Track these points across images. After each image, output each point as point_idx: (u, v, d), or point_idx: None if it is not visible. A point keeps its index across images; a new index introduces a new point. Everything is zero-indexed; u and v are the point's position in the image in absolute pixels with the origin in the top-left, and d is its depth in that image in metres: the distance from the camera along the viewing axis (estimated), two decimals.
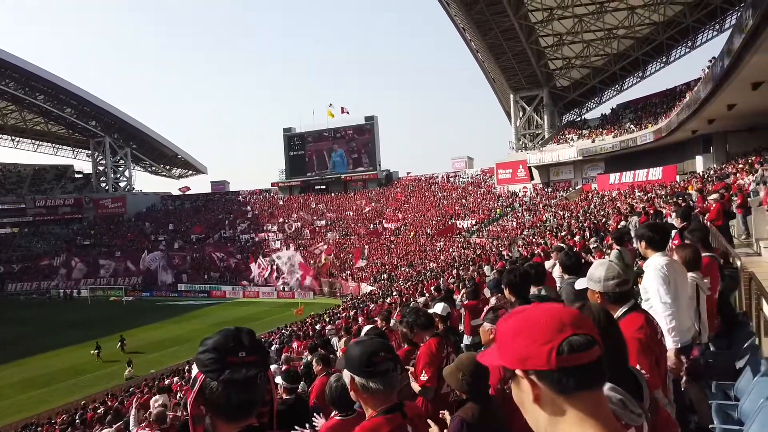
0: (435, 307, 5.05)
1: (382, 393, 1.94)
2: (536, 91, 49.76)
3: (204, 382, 1.35)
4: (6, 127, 71.43)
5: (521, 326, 0.97)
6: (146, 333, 33.65)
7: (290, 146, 67.42)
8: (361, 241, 50.00)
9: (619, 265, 2.66)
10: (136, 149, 73.10)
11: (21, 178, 74.53)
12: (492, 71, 49.42)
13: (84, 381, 24.20)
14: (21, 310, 44.77)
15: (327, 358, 5.59)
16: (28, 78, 58.49)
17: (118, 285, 52.33)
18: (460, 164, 60.82)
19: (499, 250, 27.26)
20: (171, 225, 64.28)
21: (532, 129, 52.03)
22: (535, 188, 46.52)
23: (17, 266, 58.60)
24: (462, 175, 58.35)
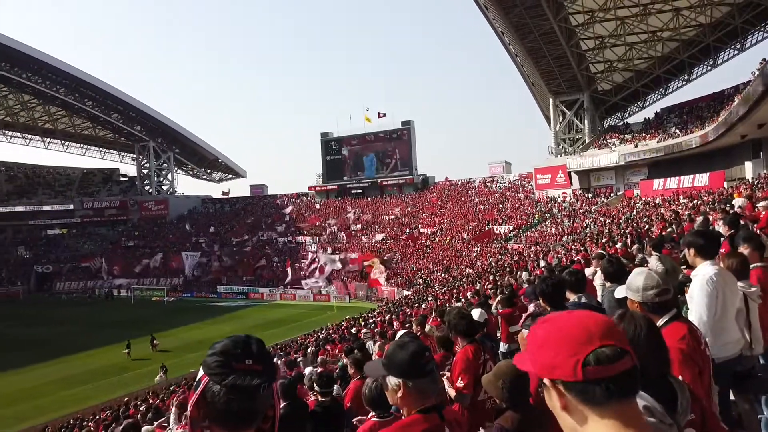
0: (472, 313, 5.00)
1: (430, 392, 1.98)
2: (577, 95, 48.88)
3: (207, 385, 1.33)
4: (56, 132, 74.54)
5: (549, 335, 0.97)
6: (186, 333, 34.44)
7: (327, 150, 68.06)
8: (397, 245, 49.99)
9: (659, 273, 2.58)
10: (179, 153, 75.12)
11: (70, 181, 77.50)
12: (531, 75, 48.83)
13: (126, 378, 24.89)
14: (66, 309, 46.41)
15: (361, 362, 5.60)
16: (78, 84, 60.81)
17: (160, 286, 53.75)
18: (497, 169, 60.20)
19: (537, 256, 26.83)
20: (211, 227, 65.75)
21: (572, 133, 51.13)
22: (575, 194, 45.66)
23: (65, 266, 60.87)
24: (499, 180, 57.75)
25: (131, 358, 28.49)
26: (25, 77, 58.24)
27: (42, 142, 75.96)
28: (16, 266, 61.16)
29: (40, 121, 72.22)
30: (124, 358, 28.62)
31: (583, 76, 46.15)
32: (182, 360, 27.27)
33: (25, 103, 67.76)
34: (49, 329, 36.93)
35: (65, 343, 31.73)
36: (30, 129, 73.85)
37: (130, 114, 67.50)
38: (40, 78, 59.34)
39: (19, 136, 74.75)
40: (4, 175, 73.49)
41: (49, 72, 58.52)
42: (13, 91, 64.39)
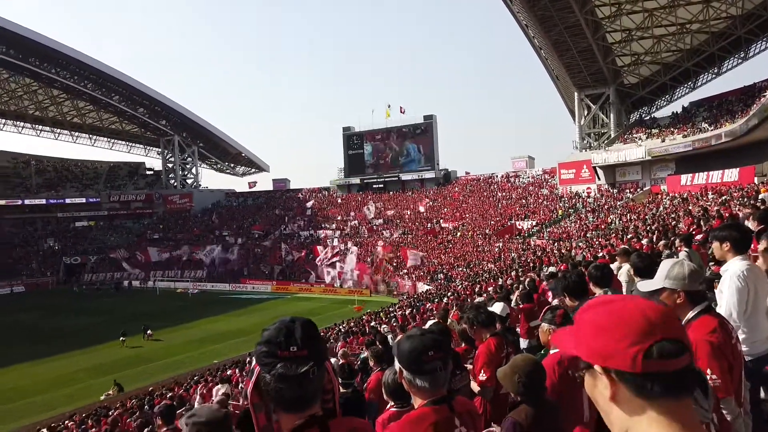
0: (494, 307, 4.96)
1: (428, 390, 1.92)
2: (602, 89, 48.07)
3: (259, 374, 1.37)
4: (84, 126, 75.99)
5: (607, 321, 0.91)
6: (209, 324, 34.95)
7: (349, 145, 68.21)
8: (417, 240, 49.94)
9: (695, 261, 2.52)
10: (203, 147, 76.00)
11: (97, 175, 79.01)
12: (555, 69, 48.15)
13: (152, 368, 25.36)
14: (93, 300, 47.42)
15: (382, 354, 5.61)
16: (105, 79, 61.87)
17: (185, 278, 54.59)
18: (520, 164, 59.63)
19: (561, 252, 26.53)
20: (234, 221, 66.50)
21: (597, 128, 50.33)
22: (599, 189, 45.00)
23: (93, 258, 62.17)
24: (522, 175, 57.22)
25: (127, 347, 29.71)
26: (54, 72, 59.46)
27: (70, 136, 77.57)
28: (46, 257, 62.67)
29: (68, 115, 73.71)
30: (152, 348, 29.22)
31: (609, 69, 45.33)
32: (205, 352, 27.74)
33: (54, 98, 69.18)
34: (78, 319, 37.83)
35: (93, 333, 32.44)
36: (59, 123, 75.44)
37: (156, 108, 68.46)
38: (68, 73, 60.55)
39: (49, 131, 76.41)
40: (34, 168, 75.20)
41: (78, 67, 59.68)
42: (43, 87, 65.79)
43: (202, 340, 30.49)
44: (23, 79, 63.69)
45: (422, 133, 64.16)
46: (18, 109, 72.36)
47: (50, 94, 68.24)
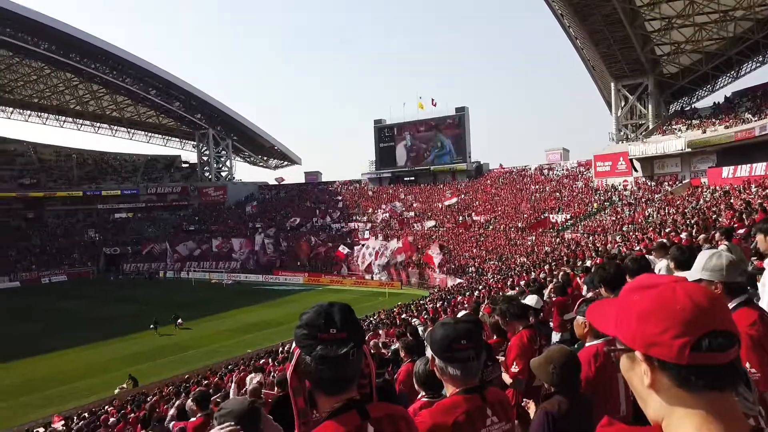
0: (527, 299, 4.90)
1: (459, 379, 1.92)
2: (640, 79, 46.80)
3: (299, 356, 1.40)
4: (123, 120, 78.02)
5: (654, 308, 0.85)
6: (243, 315, 35.56)
7: (380, 138, 68.23)
8: (449, 233, 49.71)
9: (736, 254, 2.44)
10: (237, 141, 77.17)
11: (135, 167, 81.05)
12: (592, 59, 47.09)
13: (187, 357, 25.96)
14: (129, 290, 48.76)
15: (413, 346, 5.61)
16: (143, 74, 63.31)
17: (219, 269, 55.64)
18: (554, 156, 58.65)
19: (596, 246, 26.06)
20: (267, 213, 67.38)
21: (635, 119, 49.09)
22: (636, 182, 43.94)
23: (131, 248, 63.91)
24: (556, 168, 56.28)
25: (159, 335, 30.55)
26: (94, 68, 61.09)
27: (110, 130, 79.76)
28: (87, 248, 64.66)
29: (108, 109, 75.72)
30: (188, 337, 29.92)
31: (647, 58, 44.09)
32: (239, 341, 28.24)
33: (94, 92, 71.12)
34: (116, 308, 38.94)
35: (131, 321, 33.34)
36: (98, 117, 77.57)
37: (191, 102, 69.73)
38: (107, 68, 62.15)
39: (89, 125, 78.69)
40: (75, 161, 77.66)
41: (116, 62, 61.22)
42: (83, 82, 67.68)
43: (236, 330, 31.06)
44: (65, 74, 65.63)
45: (454, 125, 63.72)
46: (60, 103, 74.71)
47: (90, 89, 70.16)
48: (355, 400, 1.43)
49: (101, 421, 12.98)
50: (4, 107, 74.09)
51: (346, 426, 1.37)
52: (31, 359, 26.32)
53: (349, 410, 1.40)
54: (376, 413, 1.44)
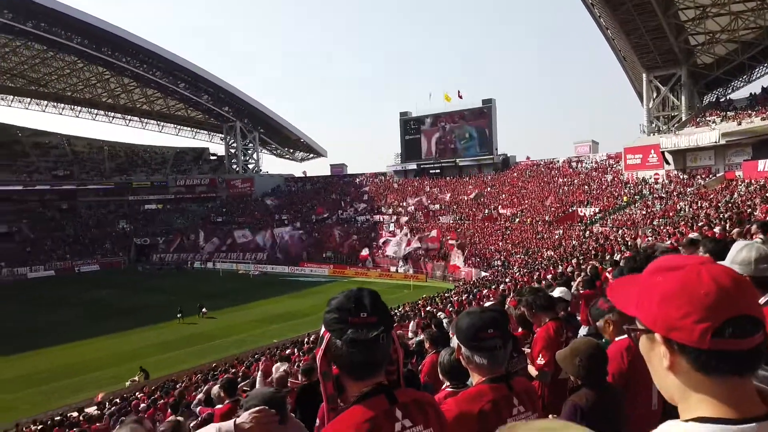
0: (556, 291, 4.83)
1: (486, 368, 1.91)
2: (673, 70, 45.61)
3: (329, 340, 1.42)
4: (153, 113, 79.39)
5: (677, 291, 0.82)
6: (269, 305, 35.99)
7: (406, 130, 68.01)
8: (474, 226, 49.40)
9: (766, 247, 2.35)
10: (264, 133, 77.88)
11: (165, 160, 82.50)
12: (623, 49, 46.03)
13: (215, 346, 26.43)
14: (158, 280, 49.74)
15: (437, 337, 5.59)
16: (172, 67, 64.24)
17: (246, 260, 56.34)
18: (583, 149, 57.68)
19: (625, 240, 25.61)
20: (293, 205, 67.92)
21: (667, 111, 47.90)
22: (668, 175, 42.94)
23: (161, 239, 65.15)
24: (585, 160, 55.36)
25: (184, 323, 31.43)
26: (125, 61, 62.21)
27: (140, 123, 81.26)
28: (118, 238, 66.13)
29: (138, 102, 77.09)
30: (216, 326, 30.44)
31: (681, 48, 42.92)
32: (265, 331, 28.63)
33: (125, 86, 72.44)
34: (147, 297, 39.79)
35: (160, 310, 34.05)
36: (129, 110, 79.04)
37: (219, 95, 70.53)
38: (138, 62, 63.22)
39: (120, 117, 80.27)
40: (107, 153, 79.39)
41: (146, 56, 62.21)
42: (115, 75, 68.94)
43: (263, 321, 31.46)
44: (97, 68, 66.92)
45: (480, 117, 63.12)
46: (92, 96, 76.31)
47: (121, 82, 71.46)
48: (384, 385, 1.44)
49: (132, 407, 13.32)
50: (39, 100, 76.05)
51: (374, 410, 1.38)
52: (66, 346, 27.12)
53: (377, 395, 1.41)
54: (404, 398, 1.45)
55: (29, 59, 65.10)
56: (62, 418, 15.04)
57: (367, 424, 1.35)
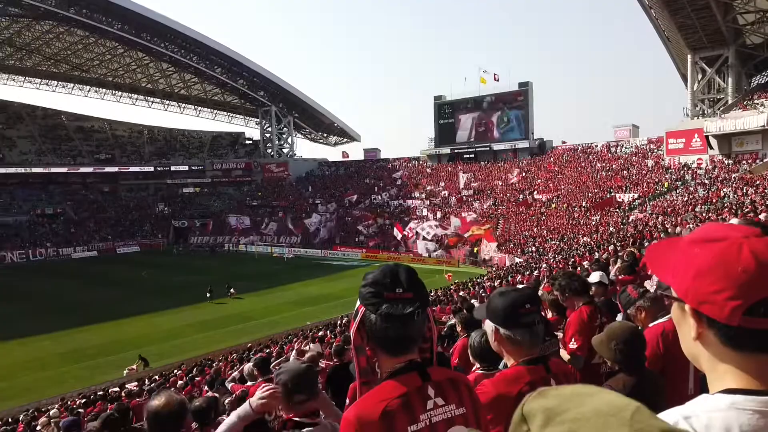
0: (592, 276, 4.71)
1: (527, 344, 1.89)
2: (720, 51, 43.80)
3: (364, 314, 1.43)
4: (191, 98, 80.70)
5: (714, 265, 0.80)
6: (303, 288, 36.45)
7: (440, 114, 67.38)
8: (509, 212, 48.83)
9: None
10: (298, 118, 78.37)
11: (202, 144, 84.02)
12: (667, 29, 44.40)
13: (250, 327, 26.94)
14: (198, 261, 50.87)
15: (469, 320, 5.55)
16: (209, 52, 65.04)
17: (280, 243, 57.16)
18: (623, 133, 56.16)
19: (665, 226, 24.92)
20: (327, 189, 68.38)
21: (713, 93, 46.14)
22: (712, 160, 41.50)
23: (198, 222, 66.60)
24: (625, 145, 53.92)
25: (213, 302, 32.26)
26: (164, 47, 63.25)
27: (178, 107, 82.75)
28: (157, 221, 67.89)
29: (176, 87, 78.42)
30: (252, 308, 31.03)
31: (728, 28, 41.13)
32: (299, 313, 29.02)
33: (163, 71, 73.73)
34: (185, 278, 40.80)
35: (199, 291, 34.83)
36: (168, 95, 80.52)
37: (254, 80, 71.18)
38: (176, 47, 64.20)
39: (159, 102, 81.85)
40: (146, 137, 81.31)
41: (184, 41, 63.11)
42: (154, 60, 70.21)
43: (296, 303, 31.89)
44: (136, 53, 68.26)
45: (516, 101, 62.02)
46: (132, 82, 77.98)
47: (160, 67, 72.75)
48: (417, 362, 1.43)
49: (170, 383, 13.73)
50: (82, 85, 78.16)
51: (406, 386, 1.38)
52: (108, 324, 28.07)
53: (409, 371, 1.41)
54: (437, 377, 1.44)
55: (72, 45, 66.80)
56: (104, 392, 15.61)
57: (398, 400, 1.35)
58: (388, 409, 1.33)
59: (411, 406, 1.36)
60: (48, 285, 40.55)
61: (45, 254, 55.67)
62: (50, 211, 63.84)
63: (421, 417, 1.36)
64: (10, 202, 63.58)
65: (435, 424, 1.38)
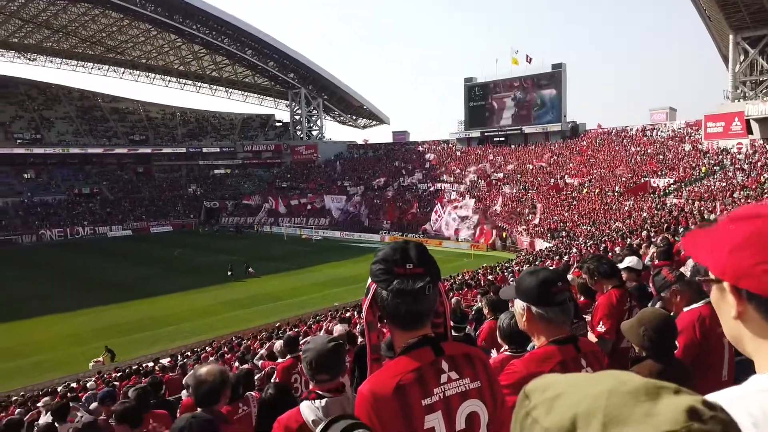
0: (626, 261, 4.61)
1: (558, 322, 1.88)
2: (763, 30, 41.96)
3: (376, 291, 1.44)
4: (222, 80, 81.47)
5: (750, 238, 0.79)
6: (331, 269, 36.78)
7: (471, 97, 66.51)
8: (539, 196, 48.18)
9: None
10: (327, 100, 78.45)
11: (233, 126, 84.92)
12: (708, 8, 42.70)
13: (279, 306, 27.37)
14: (227, 242, 51.69)
15: (497, 303, 5.53)
16: (239, 34, 65.41)
17: (309, 225, 57.67)
18: (660, 116, 54.59)
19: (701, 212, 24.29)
20: (356, 172, 68.48)
21: (755, 75, 44.36)
22: (753, 145, 40.08)
23: (229, 202, 67.61)
24: (661, 128, 52.44)
25: (234, 280, 33.19)
26: (195, 28, 63.83)
27: (209, 89, 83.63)
28: (189, 201, 69.16)
29: (208, 69, 79.24)
30: (280, 288, 31.49)
31: None
32: (326, 294, 29.34)
33: (195, 53, 74.50)
34: (215, 258, 41.55)
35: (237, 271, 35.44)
36: (200, 77, 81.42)
37: (285, 62, 71.40)
38: (207, 29, 64.73)
39: (191, 84, 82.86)
40: (179, 119, 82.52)
41: (216, 23, 63.57)
42: (186, 42, 70.97)
43: (324, 284, 32.23)
44: (169, 35, 69.06)
45: (549, 83, 60.77)
46: (165, 64, 79.07)
47: (192, 49, 73.52)
48: (430, 336, 1.44)
49: (202, 359, 14.08)
50: (116, 67, 79.58)
51: (419, 361, 1.39)
52: (142, 301, 28.89)
53: (422, 346, 1.42)
54: (451, 351, 1.45)
55: (107, 27, 67.95)
56: (138, 367, 16.11)
57: (412, 374, 1.36)
58: (402, 383, 1.35)
59: (425, 380, 1.37)
60: (85, 263, 41.85)
61: (82, 232, 57.38)
62: (87, 191, 65.65)
63: (435, 391, 1.37)
64: (48, 181, 65.54)
65: (449, 398, 1.39)
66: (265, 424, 2.98)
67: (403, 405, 1.34)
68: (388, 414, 1.33)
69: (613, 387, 0.55)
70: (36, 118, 70.19)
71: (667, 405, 0.52)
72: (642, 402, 0.53)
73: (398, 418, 1.33)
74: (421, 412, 1.35)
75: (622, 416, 0.52)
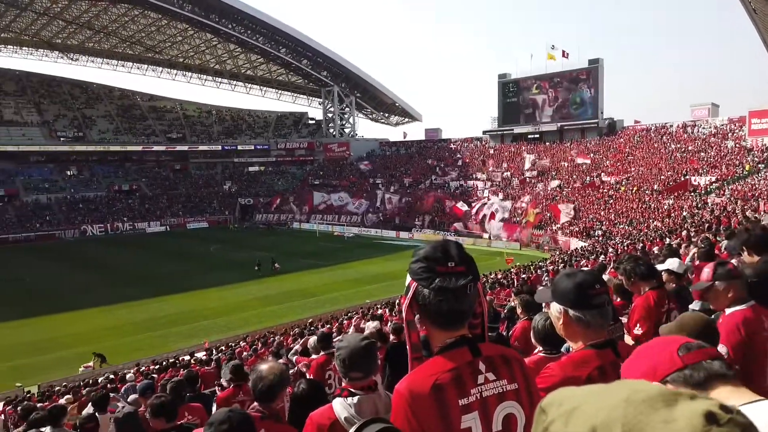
0: (667, 263, 4.49)
1: (597, 326, 1.84)
2: None
3: (416, 289, 1.43)
4: (256, 78, 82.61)
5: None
6: (363, 266, 36.95)
7: (505, 93, 65.65)
8: (575, 194, 47.33)
9: None
10: (360, 98, 78.70)
11: (267, 124, 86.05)
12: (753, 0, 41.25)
13: (311, 302, 27.66)
14: (261, 238, 52.39)
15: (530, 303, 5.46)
16: (274, 33, 66.20)
17: (341, 222, 58.03)
18: (701, 112, 52.90)
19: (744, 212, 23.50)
20: (388, 169, 68.53)
21: None
22: None
23: (263, 200, 68.56)
24: (703, 125, 50.85)
25: (260, 273, 33.83)
26: (231, 28, 64.87)
27: (244, 88, 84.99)
28: (224, 198, 70.38)
29: (242, 68, 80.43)
30: (313, 285, 31.81)
31: None
32: (359, 291, 29.51)
33: (230, 51, 75.71)
34: (249, 254, 42.18)
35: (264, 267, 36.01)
36: (235, 76, 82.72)
37: (318, 60, 71.95)
38: (242, 28, 65.72)
39: (227, 83, 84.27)
40: (214, 117, 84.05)
41: (251, 22, 64.51)
42: (221, 42, 72.18)
43: (356, 281, 32.41)
44: (205, 34, 70.39)
45: (586, 78, 59.56)
46: (201, 63, 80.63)
47: (227, 48, 74.74)
48: (467, 337, 1.44)
49: (236, 354, 14.34)
50: (155, 67, 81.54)
51: (456, 361, 1.39)
52: (180, 295, 29.58)
53: (460, 346, 1.42)
54: (489, 352, 1.45)
55: (146, 27, 69.67)
56: (175, 360, 16.50)
57: (449, 374, 1.37)
58: (439, 383, 1.35)
59: (462, 380, 1.37)
60: (125, 257, 43.08)
61: (122, 228, 59.05)
62: (126, 188, 67.50)
63: (472, 391, 1.37)
64: (90, 177, 67.63)
65: (486, 399, 1.38)
66: (295, 418, 3.03)
67: (440, 404, 1.34)
68: (425, 412, 1.34)
69: (629, 396, 0.55)
70: (78, 116, 72.49)
71: (684, 410, 0.53)
72: (659, 409, 0.53)
73: (435, 417, 1.34)
74: (457, 411, 1.35)
75: (640, 425, 0.52)
